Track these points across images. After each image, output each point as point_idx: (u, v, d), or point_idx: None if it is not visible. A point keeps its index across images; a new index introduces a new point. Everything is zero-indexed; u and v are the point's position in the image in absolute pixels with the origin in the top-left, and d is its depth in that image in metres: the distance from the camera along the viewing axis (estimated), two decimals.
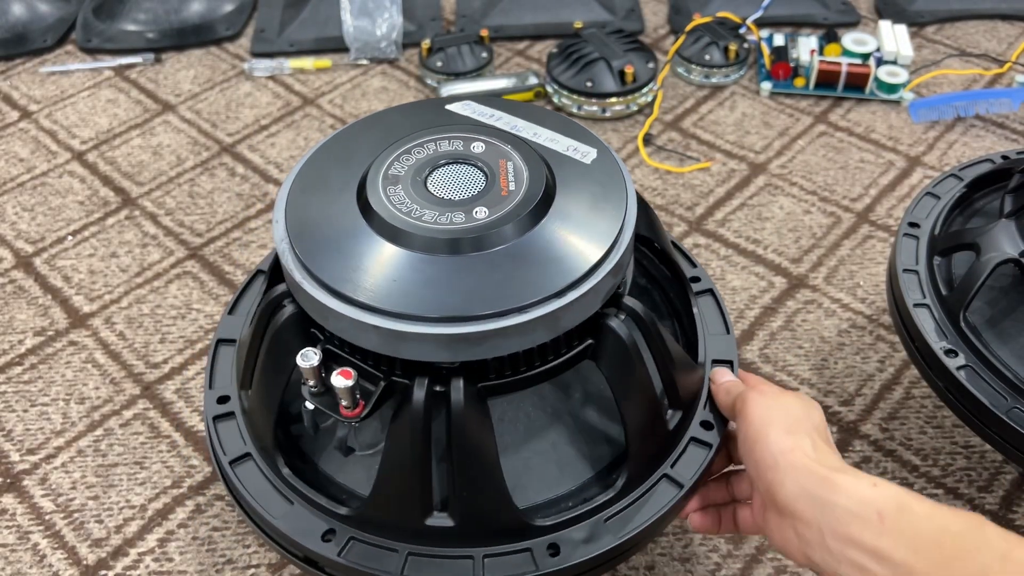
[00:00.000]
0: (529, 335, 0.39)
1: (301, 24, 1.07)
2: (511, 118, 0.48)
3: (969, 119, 0.90)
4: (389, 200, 0.42)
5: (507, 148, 0.45)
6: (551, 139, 0.47)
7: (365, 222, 0.41)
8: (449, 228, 0.41)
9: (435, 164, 0.45)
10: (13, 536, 0.60)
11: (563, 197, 0.43)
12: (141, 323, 0.74)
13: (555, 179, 0.44)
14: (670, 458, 0.46)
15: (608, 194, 0.44)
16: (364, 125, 0.48)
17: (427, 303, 0.38)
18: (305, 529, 0.44)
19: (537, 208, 0.42)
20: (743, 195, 0.83)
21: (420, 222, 0.41)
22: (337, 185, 0.44)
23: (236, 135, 0.93)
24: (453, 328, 0.38)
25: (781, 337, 0.71)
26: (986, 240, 0.53)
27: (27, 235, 0.82)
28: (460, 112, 0.49)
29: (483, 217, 0.41)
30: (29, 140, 0.93)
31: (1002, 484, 0.60)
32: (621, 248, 0.42)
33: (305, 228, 0.42)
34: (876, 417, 0.65)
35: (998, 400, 0.49)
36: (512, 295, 0.39)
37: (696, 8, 1.06)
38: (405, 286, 0.39)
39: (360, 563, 0.42)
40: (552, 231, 0.41)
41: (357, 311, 0.39)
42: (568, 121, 0.48)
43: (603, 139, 0.89)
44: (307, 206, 0.43)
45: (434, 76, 0.97)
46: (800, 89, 0.94)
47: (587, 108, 0.92)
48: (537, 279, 0.39)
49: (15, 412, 0.68)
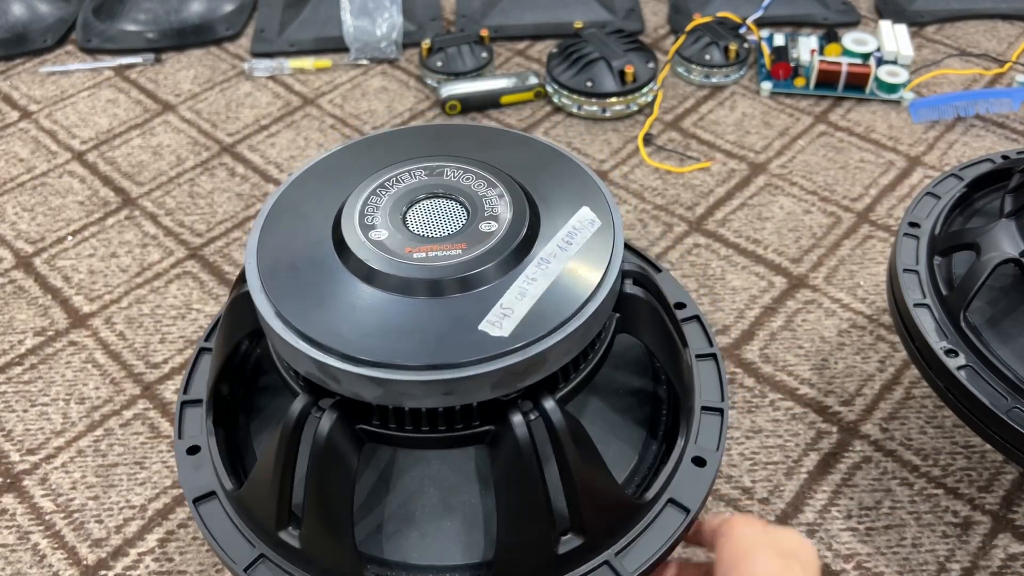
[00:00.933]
0: (400, 396, 0.36)
1: (301, 24, 1.07)
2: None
3: (969, 119, 0.90)
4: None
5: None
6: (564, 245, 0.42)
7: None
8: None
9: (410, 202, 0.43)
10: (13, 536, 0.60)
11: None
12: (141, 323, 0.74)
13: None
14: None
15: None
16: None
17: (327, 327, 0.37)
18: (195, 482, 0.45)
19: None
20: (743, 195, 0.83)
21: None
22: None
23: (236, 135, 0.93)
24: (321, 355, 0.37)
25: (781, 337, 0.71)
26: (986, 240, 0.53)
27: (27, 235, 0.82)
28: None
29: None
30: (29, 140, 0.93)
31: (1002, 484, 0.60)
32: (549, 341, 0.37)
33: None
34: (876, 417, 0.65)
35: (998, 400, 0.49)
36: (407, 348, 0.36)
37: (696, 8, 1.06)
38: (336, 314, 0.38)
39: (217, 537, 0.43)
40: (493, 296, 0.38)
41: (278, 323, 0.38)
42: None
43: (603, 139, 0.89)
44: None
45: (434, 76, 0.97)
46: (800, 89, 0.94)
47: (587, 108, 0.92)
48: (448, 339, 0.36)
49: (15, 412, 0.68)
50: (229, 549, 0.43)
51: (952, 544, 0.57)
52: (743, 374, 0.68)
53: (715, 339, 0.49)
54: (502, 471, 0.39)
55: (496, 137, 0.48)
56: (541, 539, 0.40)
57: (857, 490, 0.61)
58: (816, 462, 0.62)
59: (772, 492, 0.61)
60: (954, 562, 0.57)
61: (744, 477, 0.61)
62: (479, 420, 0.38)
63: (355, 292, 0.39)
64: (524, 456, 0.37)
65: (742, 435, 0.64)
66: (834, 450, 0.63)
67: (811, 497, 0.60)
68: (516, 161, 0.45)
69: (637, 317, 0.43)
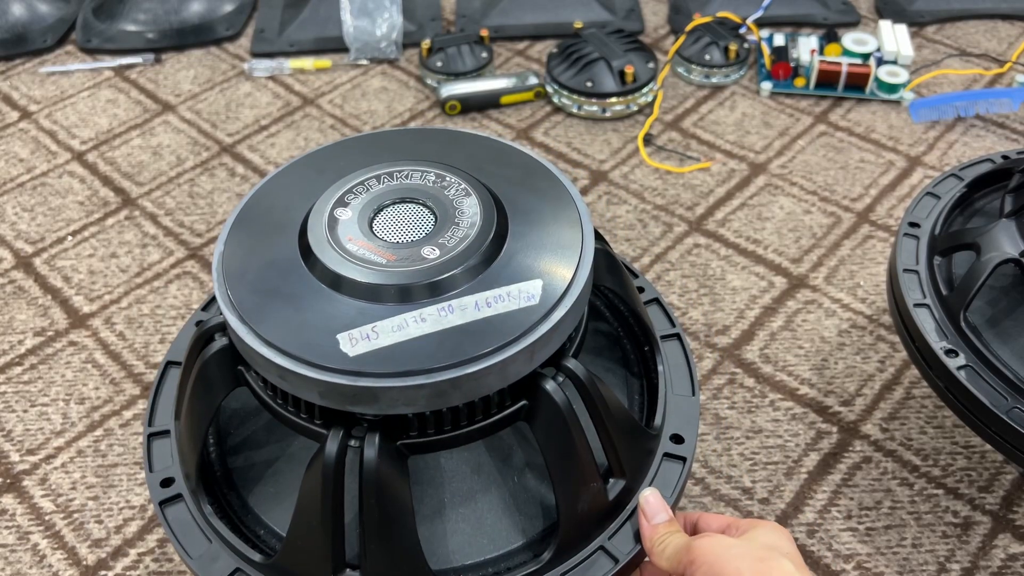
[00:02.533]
0: (445, 395, 0.37)
1: (301, 24, 1.07)
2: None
3: (969, 119, 0.90)
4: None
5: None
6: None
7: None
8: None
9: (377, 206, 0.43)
10: (13, 536, 0.60)
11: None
12: (141, 323, 0.74)
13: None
14: (608, 530, 0.43)
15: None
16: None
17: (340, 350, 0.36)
18: (213, 570, 0.42)
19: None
20: (743, 195, 0.83)
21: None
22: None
23: (236, 135, 0.93)
24: (357, 380, 0.36)
25: (781, 337, 0.71)
26: (986, 240, 0.53)
27: (27, 235, 0.82)
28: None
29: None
30: (29, 140, 0.93)
31: (1002, 484, 0.60)
32: (562, 311, 0.38)
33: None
34: (876, 417, 0.65)
35: (998, 400, 0.49)
36: (431, 353, 0.36)
37: (696, 8, 1.06)
38: (320, 331, 0.37)
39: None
40: (489, 286, 0.39)
41: (268, 350, 0.37)
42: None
43: (603, 139, 0.89)
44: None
45: (434, 76, 0.97)
46: (800, 89, 0.94)
47: (587, 108, 0.92)
48: (462, 338, 0.37)
49: (15, 412, 0.68)
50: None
51: (952, 544, 0.57)
52: (743, 374, 0.68)
53: (636, 269, 0.52)
54: (547, 437, 0.40)
55: (481, 148, 0.48)
56: (597, 489, 0.42)
57: (857, 490, 0.61)
58: (816, 462, 0.62)
59: (772, 492, 0.61)
60: (954, 562, 0.57)
61: (744, 477, 0.61)
62: (511, 400, 0.40)
63: (354, 311, 0.38)
64: (566, 416, 0.39)
65: (742, 435, 0.64)
66: (834, 450, 0.63)
67: (811, 497, 0.60)
68: (502, 177, 0.45)
69: (602, 269, 0.45)
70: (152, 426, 0.48)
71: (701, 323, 0.72)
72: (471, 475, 0.44)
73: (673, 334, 0.51)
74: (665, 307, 0.52)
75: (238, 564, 0.42)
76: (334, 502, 0.38)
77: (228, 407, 0.48)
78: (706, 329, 0.71)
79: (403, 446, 0.39)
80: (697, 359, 0.69)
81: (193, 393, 0.43)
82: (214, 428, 0.48)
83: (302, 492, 0.39)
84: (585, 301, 0.41)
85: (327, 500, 0.38)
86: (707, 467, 0.62)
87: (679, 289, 0.75)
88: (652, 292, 0.53)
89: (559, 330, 0.39)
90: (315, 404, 0.38)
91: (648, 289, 0.53)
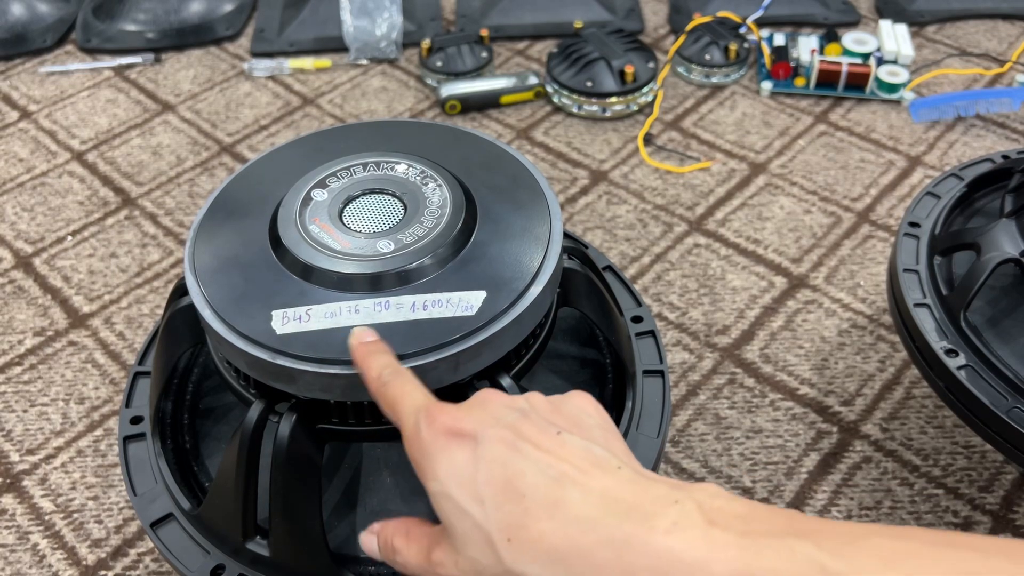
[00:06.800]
0: (362, 388, 0.36)
1: (301, 24, 1.07)
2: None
3: (969, 119, 0.90)
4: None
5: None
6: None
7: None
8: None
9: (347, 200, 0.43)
10: (13, 536, 0.60)
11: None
12: (141, 323, 0.74)
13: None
14: None
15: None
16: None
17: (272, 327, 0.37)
18: (151, 510, 0.44)
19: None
20: (743, 195, 0.83)
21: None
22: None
23: (236, 135, 0.93)
24: (276, 358, 0.37)
25: (781, 337, 0.71)
26: (986, 240, 0.53)
27: (27, 235, 0.82)
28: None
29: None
30: (29, 140, 0.93)
31: (1002, 484, 0.60)
32: (498, 326, 0.38)
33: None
34: (876, 417, 0.65)
35: (998, 400, 0.49)
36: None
37: (696, 8, 1.06)
38: (260, 304, 0.38)
39: (174, 555, 0.42)
40: (432, 290, 0.39)
41: (211, 314, 0.39)
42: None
43: (603, 139, 0.89)
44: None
45: (434, 76, 0.97)
46: (800, 89, 0.94)
47: (587, 108, 0.92)
48: (389, 336, 0.37)
49: (15, 412, 0.68)
50: (191, 565, 0.42)
51: None
52: (743, 374, 0.68)
53: (642, 299, 0.52)
54: None
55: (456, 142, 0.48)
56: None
57: (857, 490, 0.61)
58: (816, 462, 0.62)
59: (772, 492, 0.61)
60: None
61: (744, 477, 0.61)
62: None
63: (296, 291, 0.39)
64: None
65: (742, 435, 0.64)
66: (834, 450, 0.63)
67: (811, 497, 0.60)
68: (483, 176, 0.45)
69: (577, 290, 0.45)
70: (142, 365, 0.50)
71: (701, 323, 0.72)
72: (409, 468, 0.44)
73: (657, 371, 0.49)
74: (659, 342, 0.51)
75: (171, 509, 0.44)
76: (247, 469, 0.39)
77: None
78: (706, 329, 0.71)
79: (323, 430, 0.39)
80: (697, 359, 0.69)
81: (160, 341, 0.45)
82: (195, 376, 0.49)
83: (225, 455, 0.41)
84: (535, 320, 0.40)
85: (241, 467, 0.39)
86: (707, 467, 0.62)
87: (679, 289, 0.75)
88: (649, 324, 0.51)
89: (492, 344, 0.38)
90: (250, 376, 0.39)
91: (647, 320, 0.52)
